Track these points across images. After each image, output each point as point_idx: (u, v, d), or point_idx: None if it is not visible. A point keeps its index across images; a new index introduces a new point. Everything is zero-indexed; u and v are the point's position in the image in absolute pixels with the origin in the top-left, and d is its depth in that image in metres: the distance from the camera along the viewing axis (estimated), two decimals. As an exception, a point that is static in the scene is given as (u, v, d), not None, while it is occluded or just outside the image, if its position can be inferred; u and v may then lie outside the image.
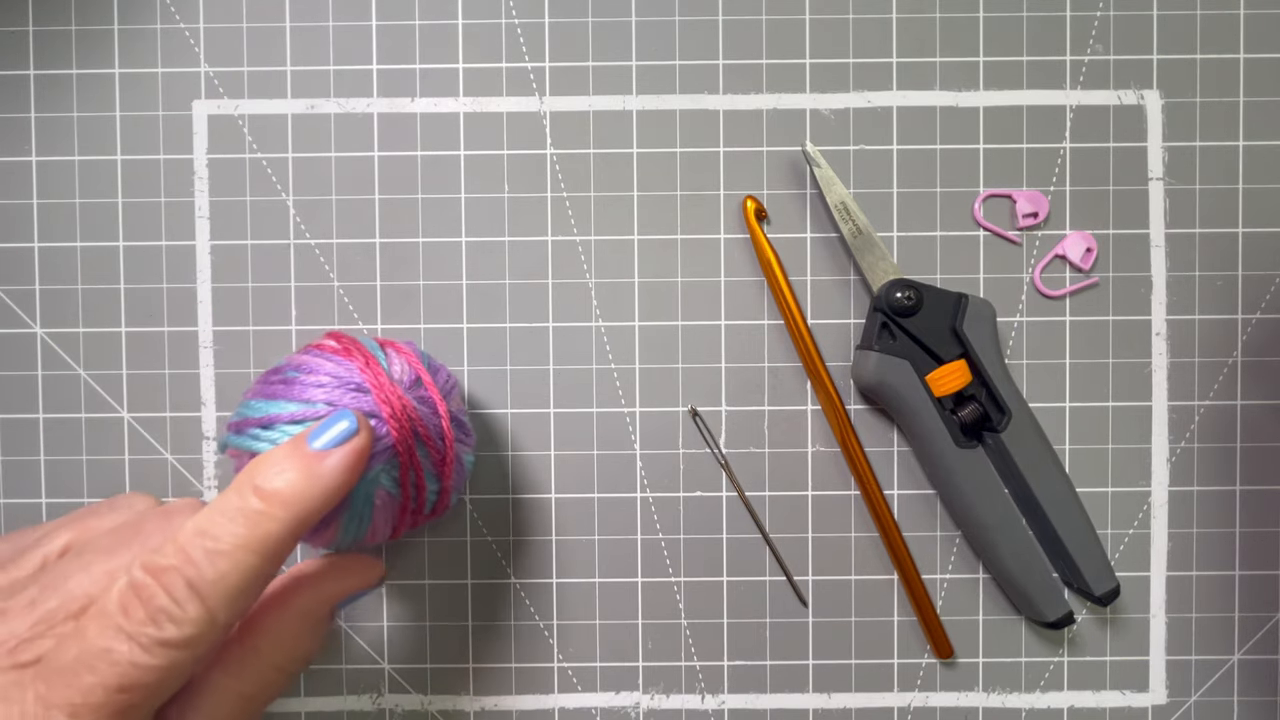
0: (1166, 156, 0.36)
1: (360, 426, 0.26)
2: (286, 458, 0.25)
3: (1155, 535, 0.36)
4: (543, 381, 0.36)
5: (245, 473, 0.25)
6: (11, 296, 0.36)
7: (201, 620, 0.23)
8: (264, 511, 0.24)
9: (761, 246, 0.35)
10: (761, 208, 0.35)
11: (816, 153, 0.35)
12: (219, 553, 0.24)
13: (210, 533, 0.24)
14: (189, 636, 0.23)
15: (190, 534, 0.24)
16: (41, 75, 0.36)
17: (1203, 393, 0.36)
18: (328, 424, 0.26)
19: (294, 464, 0.25)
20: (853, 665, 0.36)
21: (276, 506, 0.24)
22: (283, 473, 0.25)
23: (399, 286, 0.36)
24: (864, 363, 0.34)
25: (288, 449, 0.26)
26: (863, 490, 0.36)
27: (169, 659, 0.23)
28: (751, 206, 0.35)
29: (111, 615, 0.23)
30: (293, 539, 0.25)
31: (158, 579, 0.23)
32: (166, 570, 0.23)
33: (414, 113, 0.36)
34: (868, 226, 0.35)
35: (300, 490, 0.25)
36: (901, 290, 0.34)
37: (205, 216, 0.36)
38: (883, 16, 0.36)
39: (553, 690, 0.36)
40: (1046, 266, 0.36)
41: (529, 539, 0.36)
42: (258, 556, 0.24)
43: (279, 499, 0.24)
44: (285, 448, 0.26)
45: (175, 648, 0.23)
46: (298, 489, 0.25)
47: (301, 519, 0.25)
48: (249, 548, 0.24)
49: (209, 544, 0.24)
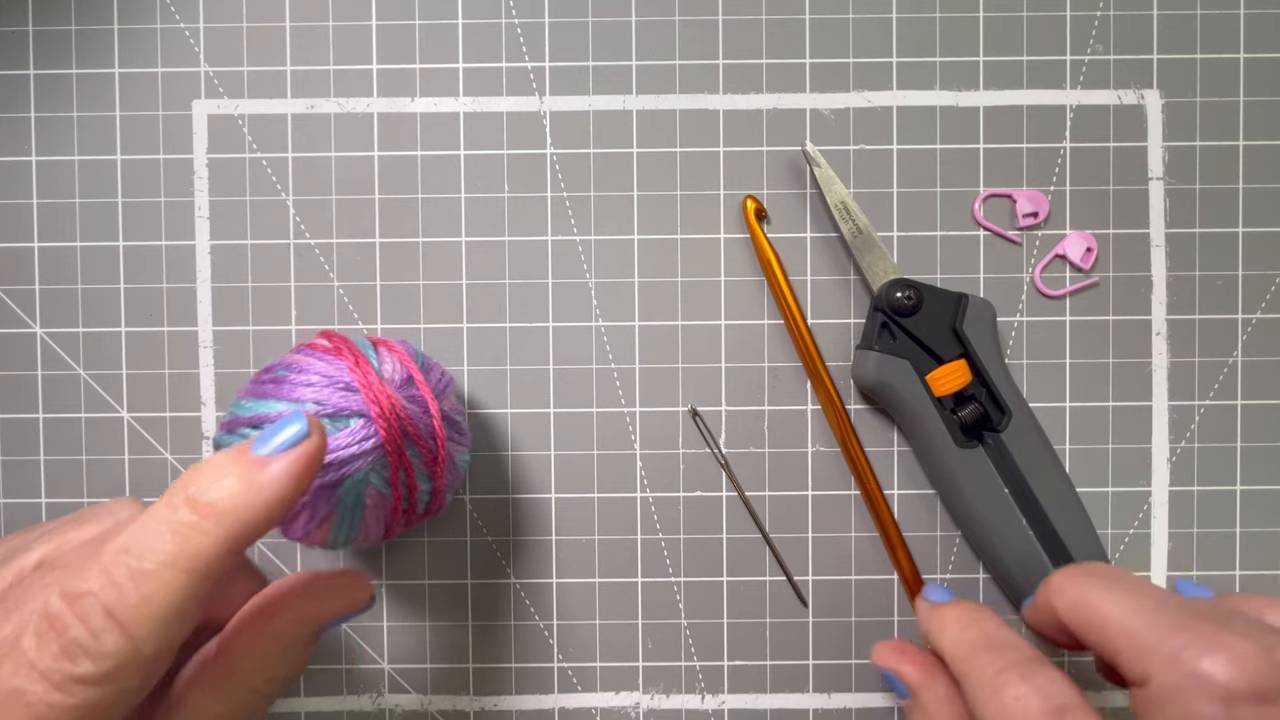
0: (1166, 156, 0.36)
1: (311, 430, 0.24)
2: (225, 464, 0.23)
3: (1155, 535, 0.36)
4: (543, 381, 0.36)
5: (180, 481, 0.23)
6: (11, 296, 0.36)
7: (122, 652, 0.21)
8: (195, 524, 0.22)
9: (761, 246, 0.35)
10: (761, 207, 0.35)
11: (816, 152, 0.35)
12: (143, 573, 0.21)
13: (134, 549, 0.22)
14: (107, 671, 0.21)
15: (114, 552, 0.22)
16: (41, 75, 0.36)
17: (1203, 393, 0.36)
18: (276, 428, 0.24)
19: (233, 471, 0.23)
20: (853, 665, 0.36)
21: (210, 519, 0.22)
22: (219, 481, 0.22)
23: (399, 286, 0.36)
24: (864, 363, 0.34)
25: (229, 454, 0.23)
26: (863, 490, 0.36)
27: (87, 698, 0.21)
28: (751, 206, 0.35)
29: (25, 651, 0.21)
30: (229, 555, 0.22)
31: (73, 607, 0.21)
32: (83, 597, 0.21)
33: (414, 113, 0.36)
34: (868, 226, 0.35)
35: (238, 501, 0.22)
36: (902, 290, 0.34)
37: (205, 216, 0.36)
38: (883, 16, 0.36)
39: (553, 690, 0.36)
40: (1046, 266, 0.36)
41: (529, 539, 0.36)
42: (187, 575, 0.21)
43: (213, 510, 0.22)
44: (226, 453, 0.23)
45: (93, 684, 0.21)
46: (235, 499, 0.22)
47: (238, 533, 0.22)
48: (177, 565, 0.21)
49: (133, 563, 0.21)
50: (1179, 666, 0.22)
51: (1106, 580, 0.25)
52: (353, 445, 0.28)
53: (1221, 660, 0.21)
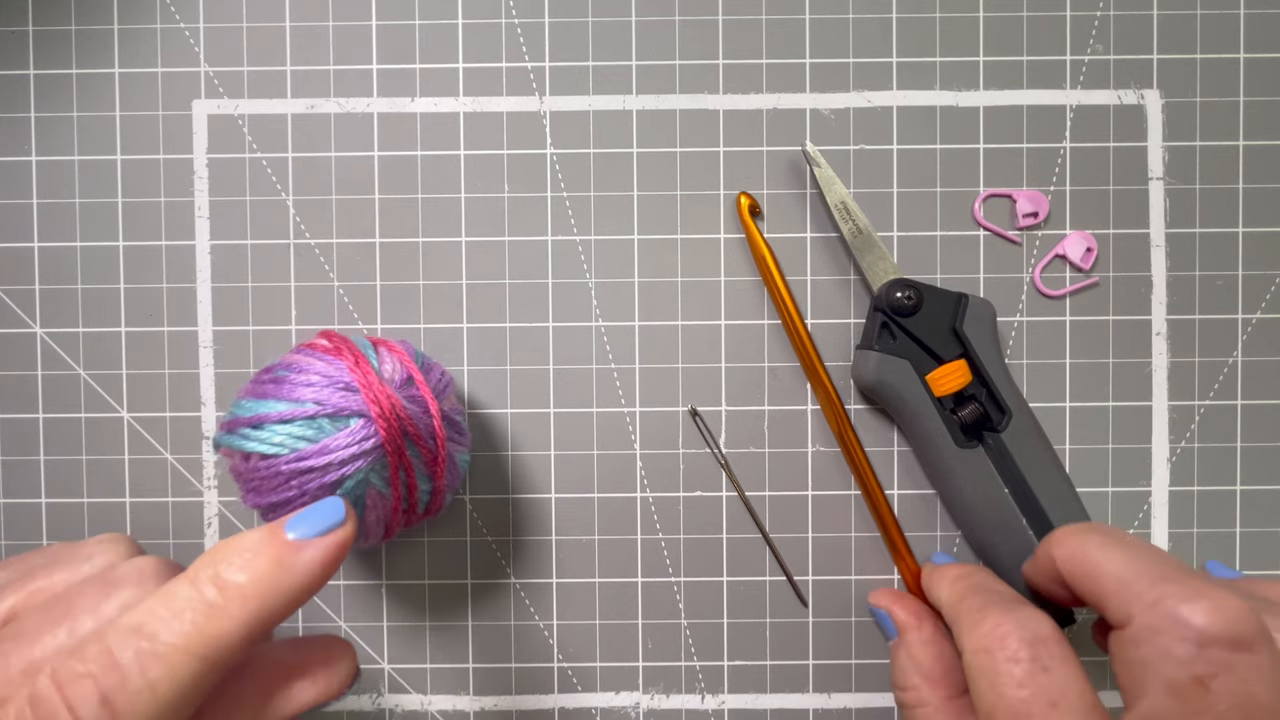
0: (1166, 156, 0.36)
1: (347, 517, 0.23)
2: (258, 544, 0.21)
3: (1155, 535, 0.36)
4: (543, 381, 0.36)
5: (207, 556, 0.21)
6: (11, 296, 0.36)
7: None
8: (219, 606, 0.20)
9: (756, 242, 0.35)
10: (756, 203, 0.35)
11: (816, 152, 0.35)
12: (154, 655, 0.19)
13: (148, 629, 0.20)
14: None
15: (124, 630, 0.20)
16: (41, 75, 0.36)
17: (1203, 393, 0.36)
18: (311, 512, 0.23)
19: (266, 552, 0.21)
20: (853, 665, 0.36)
21: (235, 600, 0.20)
22: (250, 562, 0.21)
23: (399, 286, 0.36)
24: (864, 363, 0.34)
25: (260, 535, 0.22)
26: (863, 489, 0.36)
27: None
28: (745, 202, 0.35)
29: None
30: (247, 643, 0.21)
31: (65, 691, 0.19)
32: (78, 680, 0.19)
33: (414, 112, 0.36)
34: (868, 226, 0.35)
35: (268, 584, 0.21)
36: (901, 290, 0.34)
37: (205, 216, 0.36)
38: (883, 16, 0.36)
39: (553, 690, 0.36)
40: (1046, 266, 0.36)
41: (529, 539, 0.36)
42: (200, 663, 0.20)
43: (240, 592, 0.21)
44: (258, 533, 0.22)
45: None
46: (265, 582, 0.21)
47: (262, 619, 0.21)
48: (191, 650, 0.20)
49: (144, 644, 0.20)
50: (1159, 608, 0.22)
51: (1105, 534, 0.26)
52: (353, 445, 0.28)
53: (1201, 606, 0.21)
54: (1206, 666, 0.21)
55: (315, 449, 0.28)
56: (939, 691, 0.28)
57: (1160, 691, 0.21)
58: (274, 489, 0.28)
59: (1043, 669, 0.23)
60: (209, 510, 0.36)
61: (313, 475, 0.28)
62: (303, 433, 0.28)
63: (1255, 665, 0.21)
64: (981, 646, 0.24)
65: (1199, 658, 0.21)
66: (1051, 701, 0.23)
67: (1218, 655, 0.21)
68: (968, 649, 0.25)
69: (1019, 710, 0.23)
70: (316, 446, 0.28)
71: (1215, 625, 0.21)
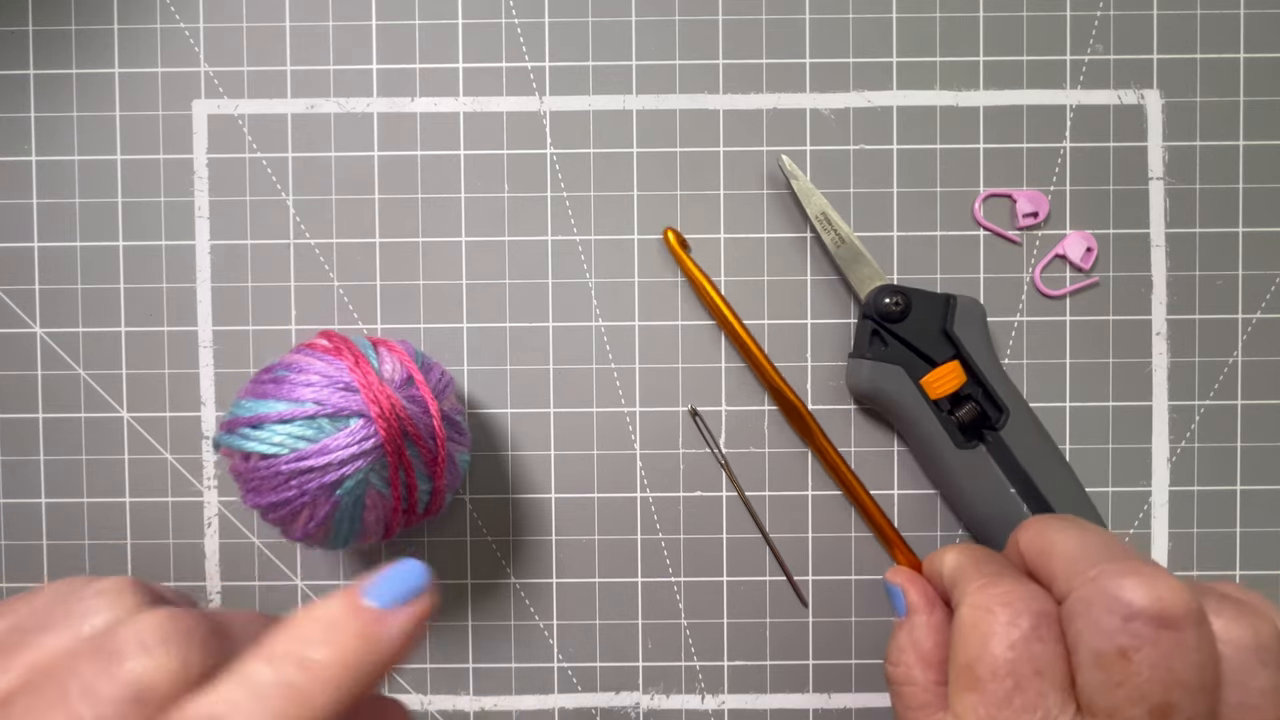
0: (1166, 156, 0.36)
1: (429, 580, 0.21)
2: (340, 617, 0.19)
3: (1155, 535, 0.36)
4: (543, 381, 0.36)
5: (285, 635, 0.18)
6: (11, 296, 0.36)
7: None
8: (303, 690, 0.17)
9: (694, 274, 0.35)
10: (682, 238, 0.35)
11: (793, 165, 0.35)
12: None
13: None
14: None
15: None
16: (41, 75, 0.36)
17: (1203, 393, 0.36)
18: (392, 576, 0.20)
19: (348, 626, 0.19)
20: (853, 665, 0.36)
21: (319, 684, 0.18)
22: (333, 638, 0.18)
23: (399, 286, 0.36)
24: (858, 371, 0.34)
25: (341, 606, 0.19)
26: (845, 490, 0.36)
27: None
28: (674, 238, 0.35)
29: None
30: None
31: None
32: None
33: (414, 112, 0.36)
34: (850, 235, 0.35)
35: (357, 662, 0.18)
36: (889, 296, 0.34)
37: (205, 216, 0.36)
38: (883, 16, 0.36)
39: (553, 690, 0.36)
40: (1046, 266, 0.36)
41: (529, 539, 0.36)
42: None
43: (325, 674, 0.18)
44: (336, 604, 0.19)
45: None
46: (352, 661, 0.18)
47: (349, 700, 0.18)
48: None
49: None
50: (1095, 583, 0.23)
51: (1067, 521, 0.27)
52: (352, 445, 0.28)
53: (1132, 582, 0.22)
54: (1130, 639, 0.22)
55: (315, 449, 0.28)
56: (930, 674, 0.29)
57: (1089, 663, 0.22)
58: (274, 489, 0.28)
59: (1039, 639, 0.23)
60: (209, 510, 0.36)
61: (312, 475, 0.28)
62: (302, 433, 0.28)
63: (1178, 642, 0.21)
64: (984, 604, 0.25)
65: (1123, 630, 0.22)
66: (1038, 670, 0.23)
67: (1142, 629, 0.22)
68: (967, 604, 0.25)
69: (1001, 670, 0.23)
70: (316, 446, 0.28)
71: (1141, 600, 0.22)
